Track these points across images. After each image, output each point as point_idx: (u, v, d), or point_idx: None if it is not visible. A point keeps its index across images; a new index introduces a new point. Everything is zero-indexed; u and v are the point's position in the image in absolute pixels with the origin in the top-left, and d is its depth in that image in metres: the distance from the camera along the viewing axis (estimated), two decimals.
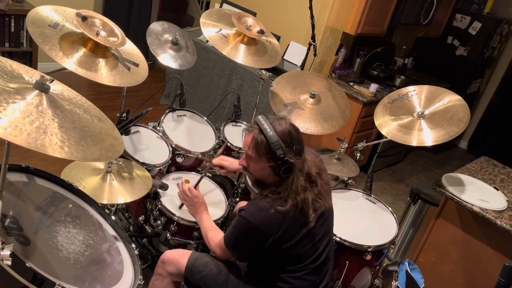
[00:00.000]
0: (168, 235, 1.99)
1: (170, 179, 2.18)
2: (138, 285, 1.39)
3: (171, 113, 2.49)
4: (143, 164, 2.08)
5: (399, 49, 4.68)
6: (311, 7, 2.65)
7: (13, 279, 1.09)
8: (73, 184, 1.58)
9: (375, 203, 2.33)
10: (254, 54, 2.32)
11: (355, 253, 2.00)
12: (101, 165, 1.90)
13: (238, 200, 2.30)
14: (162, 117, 2.42)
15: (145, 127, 2.35)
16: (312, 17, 2.68)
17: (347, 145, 3.10)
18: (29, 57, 3.68)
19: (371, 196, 2.36)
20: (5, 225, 1.25)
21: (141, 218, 2.10)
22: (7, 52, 3.55)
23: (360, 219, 2.21)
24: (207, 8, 5.93)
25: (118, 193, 1.81)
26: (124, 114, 2.03)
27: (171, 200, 2.04)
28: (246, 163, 1.60)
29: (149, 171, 2.04)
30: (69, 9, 1.76)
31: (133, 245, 1.52)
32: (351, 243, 1.98)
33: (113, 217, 1.59)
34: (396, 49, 4.63)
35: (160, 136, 2.33)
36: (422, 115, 2.26)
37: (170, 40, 2.33)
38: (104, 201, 1.73)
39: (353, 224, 2.14)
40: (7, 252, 1.04)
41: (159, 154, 2.24)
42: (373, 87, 3.61)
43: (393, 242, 2.10)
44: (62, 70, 3.99)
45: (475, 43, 4.60)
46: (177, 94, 2.49)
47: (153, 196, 2.02)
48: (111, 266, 1.42)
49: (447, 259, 2.41)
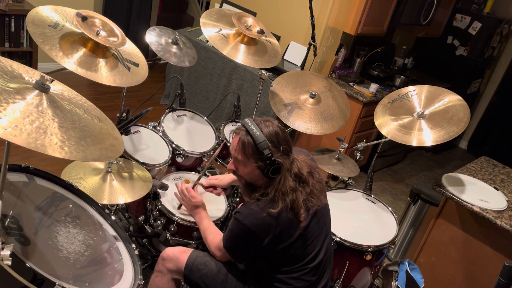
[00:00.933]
0: (168, 235, 1.99)
1: (170, 179, 2.18)
2: (138, 285, 1.39)
3: (171, 113, 2.49)
4: (143, 164, 2.08)
5: (399, 49, 4.68)
6: (311, 7, 2.65)
7: (13, 279, 1.09)
8: (73, 184, 1.58)
9: (375, 203, 2.33)
10: (254, 54, 2.32)
11: (355, 253, 2.00)
12: (101, 165, 1.90)
13: (238, 200, 2.30)
14: (162, 117, 2.42)
15: (145, 127, 2.35)
16: (312, 17, 2.68)
17: (347, 145, 3.10)
18: (29, 57, 3.68)
19: (371, 196, 2.36)
20: (5, 225, 1.25)
21: (141, 218, 2.10)
22: (7, 52, 3.55)
23: (360, 219, 2.21)
24: (207, 8, 5.93)
25: (118, 193, 1.81)
26: (124, 114, 2.03)
27: (171, 201, 2.04)
28: (234, 167, 1.61)
29: (149, 171, 2.04)
30: (69, 9, 1.76)
31: (133, 245, 1.52)
32: (351, 243, 1.98)
33: (113, 217, 1.59)
34: (396, 49, 4.63)
35: (160, 136, 2.33)
36: (422, 115, 2.26)
37: (170, 42, 2.33)
38: (104, 201, 1.73)
39: (353, 224, 2.14)
40: (7, 252, 1.04)
41: (159, 154, 2.24)
42: (373, 87, 3.61)
43: (393, 242, 2.10)
44: (62, 70, 3.99)
45: (475, 43, 4.60)
46: (177, 94, 2.49)
47: (153, 196, 2.02)
48: (111, 266, 1.42)
49: (447, 259, 2.41)
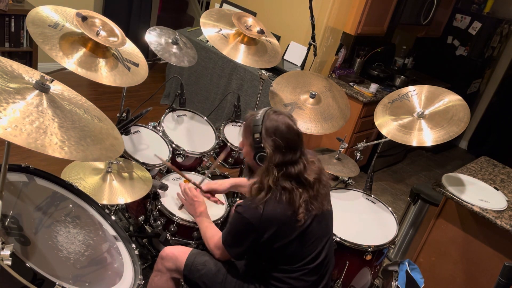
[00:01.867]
0: (168, 235, 1.99)
1: (170, 179, 2.18)
2: (138, 285, 1.39)
3: (171, 113, 2.49)
4: (143, 164, 2.08)
5: (399, 49, 4.68)
6: (311, 7, 2.65)
7: (13, 279, 1.09)
8: (73, 184, 1.58)
9: (375, 203, 2.33)
10: (254, 54, 2.32)
11: (355, 253, 2.00)
12: (101, 165, 1.90)
13: (238, 200, 2.30)
14: (162, 117, 2.42)
15: (145, 127, 2.35)
16: (312, 17, 2.68)
17: (347, 145, 3.10)
18: (29, 57, 3.68)
19: (371, 196, 2.36)
20: (5, 225, 1.25)
21: (141, 218, 2.10)
22: (7, 52, 3.55)
23: (360, 219, 2.21)
24: (207, 8, 5.93)
25: (118, 193, 1.81)
26: (124, 114, 2.03)
27: (171, 201, 2.04)
28: (242, 146, 1.65)
29: (149, 171, 2.04)
30: (69, 9, 1.76)
31: (133, 245, 1.52)
32: (351, 243, 1.98)
33: (113, 217, 1.59)
34: (396, 49, 4.63)
35: (160, 136, 2.33)
36: (422, 115, 2.26)
37: (170, 42, 2.33)
38: (104, 201, 1.73)
39: (353, 224, 2.14)
40: (7, 252, 1.04)
41: (159, 154, 2.23)
42: (373, 87, 3.61)
43: (393, 242, 2.10)
44: (62, 70, 3.99)
45: (475, 43, 4.60)
46: (177, 94, 2.49)
47: (153, 197, 2.02)
48: (111, 266, 1.42)
49: (447, 259, 2.41)
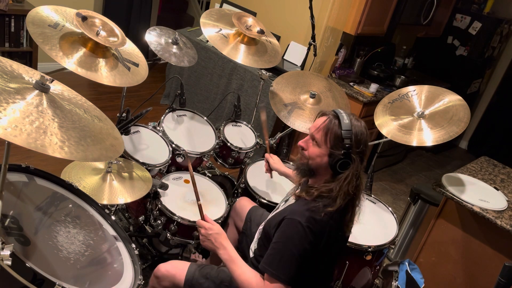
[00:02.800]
0: (168, 235, 1.99)
1: (170, 178, 2.18)
2: (138, 285, 1.39)
3: (171, 113, 2.49)
4: (143, 164, 2.08)
5: (399, 49, 4.68)
6: (311, 7, 2.65)
7: (13, 279, 1.09)
8: (73, 184, 1.58)
9: (375, 203, 2.33)
10: (254, 54, 2.32)
11: (355, 253, 2.00)
12: (101, 165, 1.90)
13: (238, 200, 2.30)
14: (162, 117, 2.42)
15: (145, 127, 2.35)
16: (312, 17, 2.68)
17: None
18: (29, 57, 3.68)
19: (371, 196, 2.36)
20: (5, 225, 1.25)
21: (141, 218, 2.10)
22: (7, 52, 3.55)
23: (360, 219, 2.21)
24: (207, 8, 5.93)
25: (118, 193, 1.81)
26: (124, 114, 2.03)
27: (171, 200, 2.04)
28: (306, 145, 1.51)
29: (149, 171, 2.04)
30: (69, 9, 1.76)
31: (133, 245, 1.52)
32: (351, 243, 1.98)
33: (113, 217, 1.59)
34: (396, 49, 4.63)
35: (160, 136, 2.33)
36: (422, 115, 2.26)
37: (170, 42, 2.33)
38: (104, 201, 1.73)
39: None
40: (7, 252, 1.04)
41: (159, 154, 2.24)
42: (373, 87, 3.61)
43: (393, 242, 2.10)
44: (62, 70, 3.99)
45: (475, 43, 4.60)
46: (177, 94, 2.49)
47: (153, 196, 2.02)
48: (111, 266, 1.42)
49: (447, 259, 2.41)
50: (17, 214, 1.31)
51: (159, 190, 2.00)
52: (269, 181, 2.35)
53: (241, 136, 2.57)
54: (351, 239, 1.98)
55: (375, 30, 3.72)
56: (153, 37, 2.28)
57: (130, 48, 1.92)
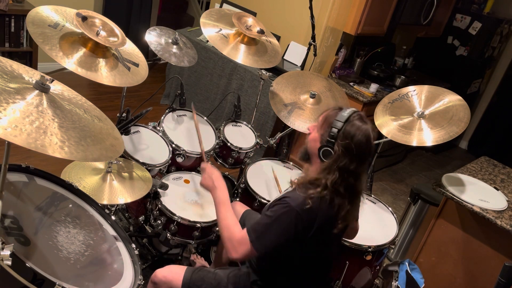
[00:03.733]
0: (168, 235, 1.99)
1: (170, 178, 2.18)
2: (138, 285, 1.39)
3: (171, 113, 2.49)
4: (143, 164, 2.08)
5: (399, 49, 4.68)
6: (311, 7, 2.65)
7: (13, 279, 1.09)
8: (73, 184, 1.58)
9: (375, 203, 2.33)
10: (254, 54, 2.32)
11: (355, 253, 2.00)
12: (101, 165, 1.90)
13: (238, 200, 2.30)
14: (162, 117, 2.42)
15: (145, 127, 2.35)
16: (312, 17, 2.68)
17: None
18: (29, 57, 3.68)
19: (371, 196, 2.36)
20: (5, 225, 1.25)
21: (141, 218, 2.10)
22: (7, 52, 3.55)
23: (360, 219, 2.21)
24: (207, 8, 5.93)
25: (118, 193, 1.81)
26: (124, 114, 2.03)
27: (171, 200, 2.04)
28: (312, 130, 1.57)
29: (149, 171, 2.04)
30: (69, 9, 1.76)
31: (133, 245, 1.52)
32: (351, 243, 1.98)
33: (113, 217, 1.59)
34: (396, 49, 4.63)
35: (160, 136, 2.33)
36: (422, 115, 2.26)
37: (170, 42, 2.33)
38: (104, 201, 1.73)
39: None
40: (7, 252, 1.04)
41: (159, 154, 2.24)
42: (373, 87, 3.61)
43: (393, 242, 2.10)
44: (62, 70, 3.99)
45: (475, 43, 4.60)
46: (177, 94, 2.49)
47: (153, 196, 2.02)
48: (111, 266, 1.42)
49: (447, 259, 2.41)
50: (17, 214, 1.31)
51: (159, 190, 2.00)
52: (269, 181, 2.35)
53: (241, 136, 2.57)
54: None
55: (375, 30, 3.72)
56: (153, 37, 2.28)
57: (130, 48, 1.92)
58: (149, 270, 2.21)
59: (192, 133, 2.48)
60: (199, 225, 1.98)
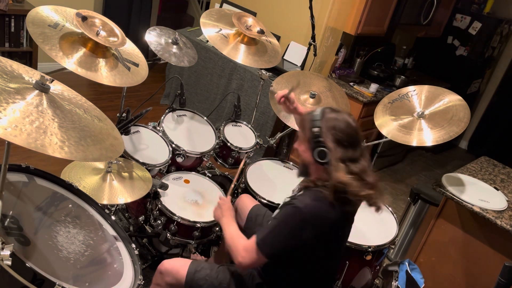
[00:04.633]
0: (168, 235, 1.99)
1: (170, 178, 2.18)
2: (138, 285, 1.39)
3: (171, 113, 2.49)
4: (143, 164, 2.08)
5: (399, 49, 4.68)
6: (311, 7, 2.65)
7: (13, 279, 1.09)
8: (73, 184, 1.58)
9: None
10: (254, 54, 2.32)
11: (355, 253, 2.00)
12: (101, 165, 1.90)
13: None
14: (162, 117, 2.42)
15: (145, 127, 2.35)
16: (312, 17, 2.68)
17: None
18: (29, 57, 3.68)
19: None
20: (5, 225, 1.25)
21: (141, 218, 2.10)
22: (7, 52, 3.55)
23: (360, 219, 2.20)
24: (207, 8, 5.93)
25: (118, 193, 1.81)
26: (124, 114, 2.03)
27: (171, 200, 2.04)
28: (298, 144, 1.58)
29: (149, 171, 2.04)
30: (69, 9, 1.76)
31: (133, 245, 1.52)
32: (351, 243, 1.98)
33: (113, 217, 1.59)
34: (396, 49, 4.63)
35: (160, 136, 2.33)
36: (422, 115, 2.26)
37: (170, 42, 2.33)
38: (104, 201, 1.73)
39: (353, 224, 2.14)
40: (7, 252, 1.04)
41: (159, 154, 2.24)
42: (373, 87, 3.61)
43: (393, 242, 2.10)
44: (62, 70, 3.99)
45: (475, 43, 4.60)
46: (177, 94, 2.49)
47: (153, 196, 2.02)
48: (111, 266, 1.42)
49: (447, 259, 2.41)
50: (17, 214, 1.31)
51: (159, 190, 2.00)
52: (269, 181, 2.35)
53: (241, 136, 2.57)
54: (351, 239, 1.98)
55: (375, 30, 3.72)
56: (153, 37, 2.28)
57: (130, 48, 1.92)
58: (149, 270, 2.21)
59: (192, 133, 2.48)
60: (199, 225, 1.98)
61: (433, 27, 4.40)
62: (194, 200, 2.12)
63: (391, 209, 2.29)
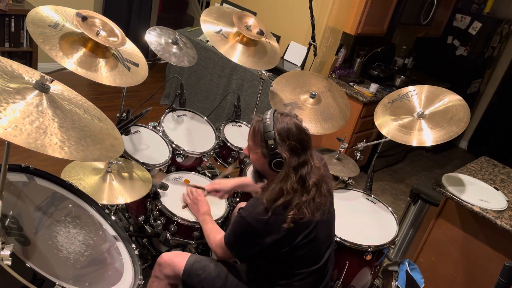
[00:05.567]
0: (168, 235, 1.99)
1: (170, 178, 2.18)
2: (138, 285, 1.39)
3: (171, 113, 2.49)
4: (143, 164, 2.08)
5: (399, 49, 4.68)
6: (311, 7, 2.65)
7: (13, 279, 1.09)
8: (73, 184, 1.58)
9: (375, 203, 2.33)
10: (253, 54, 2.32)
11: (355, 253, 2.00)
12: (101, 165, 1.90)
13: (238, 200, 2.30)
14: (162, 117, 2.42)
15: (145, 127, 2.35)
16: (312, 17, 2.68)
17: (347, 145, 3.10)
18: (29, 57, 3.68)
19: (371, 196, 2.36)
20: (5, 225, 1.25)
21: (141, 218, 2.10)
22: (7, 52, 3.55)
23: (360, 219, 2.21)
24: (207, 8, 5.93)
25: (118, 193, 1.81)
26: (124, 114, 2.03)
27: (171, 200, 2.04)
28: (248, 151, 1.62)
29: (149, 171, 2.04)
30: (69, 9, 1.76)
31: (133, 245, 1.52)
32: (351, 243, 1.98)
33: (113, 217, 1.59)
34: (396, 49, 4.63)
35: (160, 136, 2.32)
36: (422, 115, 2.26)
37: (170, 42, 2.33)
38: (104, 201, 1.73)
39: (353, 224, 2.14)
40: (7, 252, 1.04)
41: (159, 154, 2.24)
42: (373, 87, 3.61)
43: (393, 242, 2.09)
44: (62, 70, 3.99)
45: (475, 43, 4.60)
46: (177, 94, 2.49)
47: (153, 196, 2.02)
48: (111, 266, 1.42)
49: (447, 259, 2.41)
50: (17, 214, 1.31)
51: (159, 190, 2.00)
52: None
53: (241, 136, 2.57)
54: (351, 239, 1.99)
55: (375, 30, 3.72)
56: (153, 37, 2.28)
57: (130, 48, 1.92)
58: (149, 270, 2.21)
59: (192, 133, 2.48)
60: (198, 225, 1.98)
61: (433, 27, 4.40)
62: None
63: (391, 209, 2.29)
